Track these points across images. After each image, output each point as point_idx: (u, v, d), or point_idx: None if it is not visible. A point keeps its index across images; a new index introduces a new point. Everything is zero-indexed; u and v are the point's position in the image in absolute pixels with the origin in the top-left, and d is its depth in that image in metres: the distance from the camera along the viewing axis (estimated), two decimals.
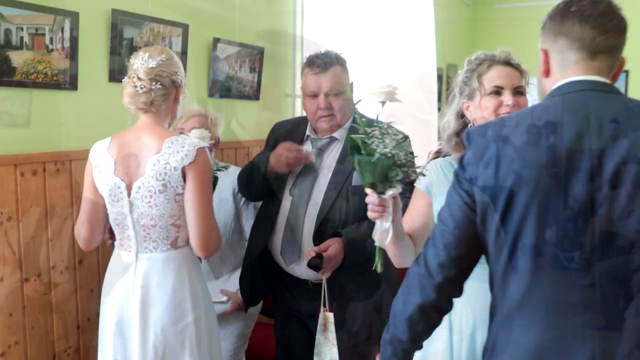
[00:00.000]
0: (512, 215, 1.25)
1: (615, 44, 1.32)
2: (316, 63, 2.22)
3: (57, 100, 2.39)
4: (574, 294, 1.21)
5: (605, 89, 1.29)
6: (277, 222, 2.30)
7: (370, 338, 2.39)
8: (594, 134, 1.21)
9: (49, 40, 2.30)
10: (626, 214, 1.18)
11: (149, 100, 1.94)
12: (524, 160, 1.25)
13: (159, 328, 1.95)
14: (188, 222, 1.95)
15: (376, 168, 1.58)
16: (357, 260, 2.16)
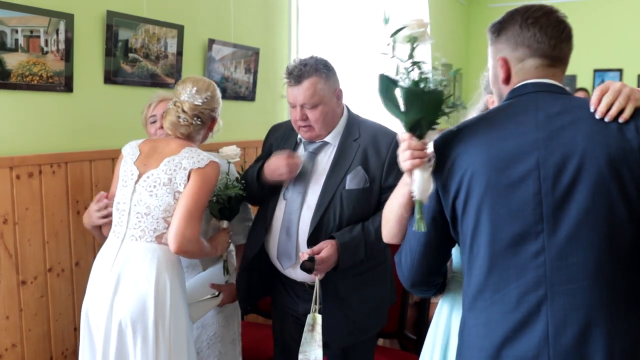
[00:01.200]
0: (470, 208, 1.38)
1: (568, 50, 1.46)
2: (292, 74, 2.19)
3: (53, 102, 2.39)
4: (528, 274, 1.31)
5: (556, 90, 1.41)
6: (273, 226, 2.30)
7: (366, 339, 2.40)
8: (542, 128, 1.34)
9: (44, 42, 2.30)
10: (570, 199, 1.28)
11: (187, 132, 2.15)
12: (479, 156, 1.37)
13: (122, 317, 1.99)
14: (173, 216, 2.02)
15: (427, 100, 1.40)
16: (351, 262, 2.16)
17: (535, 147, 1.32)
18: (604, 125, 1.31)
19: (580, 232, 1.28)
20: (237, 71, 3.36)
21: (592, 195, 1.27)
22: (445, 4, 6.51)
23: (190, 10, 3.03)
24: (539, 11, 1.42)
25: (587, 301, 1.28)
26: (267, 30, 3.63)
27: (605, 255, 1.28)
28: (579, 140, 1.30)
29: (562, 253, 1.29)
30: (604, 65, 6.75)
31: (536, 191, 1.31)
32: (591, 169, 1.28)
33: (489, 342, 1.37)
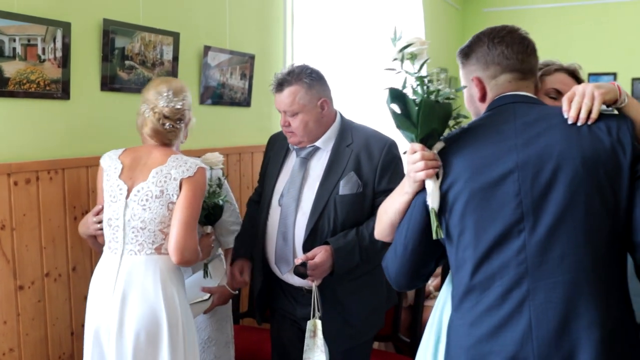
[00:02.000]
0: (455, 214, 1.45)
1: (535, 63, 1.57)
2: (276, 82, 2.25)
3: (50, 109, 2.42)
4: (510, 271, 1.38)
5: (530, 100, 1.52)
6: (269, 232, 2.34)
7: (365, 342, 2.43)
8: (520, 134, 1.42)
9: (41, 50, 2.33)
10: (548, 197, 1.36)
11: (174, 138, 2.16)
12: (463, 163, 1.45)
13: (135, 331, 2.00)
14: (171, 227, 2.04)
15: (440, 112, 1.48)
16: (346, 267, 2.20)
17: (514, 151, 1.40)
18: (577, 129, 1.39)
19: (559, 228, 1.35)
20: (232, 77, 3.39)
21: (570, 193, 1.34)
22: (440, 8, 6.55)
23: (186, 18, 3.07)
24: (502, 31, 1.54)
25: (567, 294, 1.34)
26: (263, 36, 3.66)
27: (583, 250, 1.34)
28: (555, 144, 1.38)
29: (542, 249, 1.35)
30: (598, 69, 6.79)
31: (516, 192, 1.38)
32: (567, 169, 1.35)
33: (473, 339, 1.42)
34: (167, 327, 2.02)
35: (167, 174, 2.06)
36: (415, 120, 1.47)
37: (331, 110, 2.32)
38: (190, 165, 2.08)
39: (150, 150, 2.14)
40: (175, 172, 2.06)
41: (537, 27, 6.89)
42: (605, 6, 6.68)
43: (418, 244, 1.54)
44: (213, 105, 3.30)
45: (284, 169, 2.39)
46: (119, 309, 2.01)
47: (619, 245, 1.37)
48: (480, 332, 1.41)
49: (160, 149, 2.14)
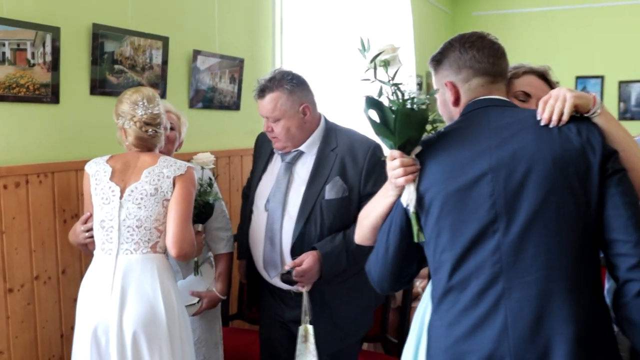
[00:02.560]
0: (431, 217, 1.48)
1: (506, 66, 1.61)
2: (258, 88, 2.28)
3: (39, 113, 2.44)
4: (486, 271, 1.40)
5: (503, 103, 1.56)
6: (257, 237, 2.36)
7: (353, 344, 2.46)
8: (493, 136, 1.46)
9: (31, 55, 2.34)
10: (521, 198, 1.39)
11: (158, 143, 2.22)
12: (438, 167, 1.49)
13: (135, 330, 2.03)
14: (167, 222, 2.10)
15: (415, 119, 1.51)
16: (334, 271, 2.22)
17: (487, 154, 1.44)
18: (548, 131, 1.43)
19: (532, 228, 1.38)
20: (221, 81, 3.42)
21: (541, 193, 1.37)
22: (429, 12, 6.59)
23: (175, 22, 3.09)
24: (473, 36, 1.59)
25: (541, 291, 1.36)
26: (252, 40, 3.69)
27: (556, 248, 1.37)
28: (527, 146, 1.41)
29: (515, 249, 1.38)
30: (585, 72, 6.85)
31: (489, 193, 1.41)
32: (539, 170, 1.38)
33: (451, 339, 1.44)
34: (166, 324, 2.06)
35: (160, 173, 2.12)
36: (392, 128, 1.50)
37: (314, 115, 2.34)
38: (180, 165, 2.16)
39: (138, 155, 2.19)
40: (168, 171, 2.13)
41: (525, 30, 6.97)
42: (593, 10, 6.75)
43: (400, 247, 1.57)
44: (202, 109, 3.33)
45: (267, 172, 2.42)
46: (118, 309, 2.03)
47: (590, 244, 1.40)
48: (458, 332, 1.43)
49: (148, 153, 2.20)
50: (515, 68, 1.83)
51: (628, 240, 1.35)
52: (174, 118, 2.51)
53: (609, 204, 1.38)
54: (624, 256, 1.35)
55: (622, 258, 1.36)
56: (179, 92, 3.16)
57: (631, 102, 6.70)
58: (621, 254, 1.36)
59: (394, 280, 1.63)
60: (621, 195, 1.38)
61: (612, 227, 1.37)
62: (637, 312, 1.33)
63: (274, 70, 2.32)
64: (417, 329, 1.86)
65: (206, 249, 2.60)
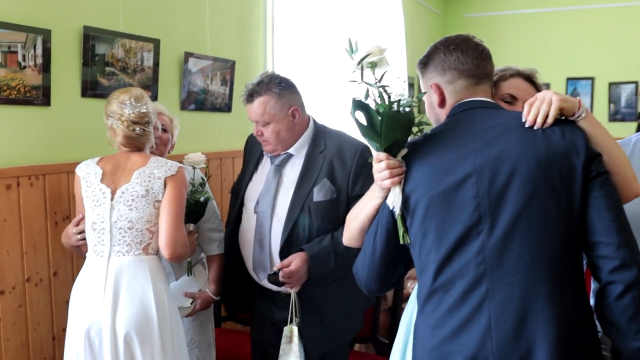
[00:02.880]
0: (416, 218, 1.50)
1: (491, 68, 1.62)
2: (246, 93, 2.29)
3: (31, 115, 2.44)
4: (470, 273, 1.41)
5: (488, 105, 1.57)
6: (246, 239, 2.37)
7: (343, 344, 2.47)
8: (478, 138, 1.47)
9: (22, 57, 2.35)
10: (505, 199, 1.40)
11: (146, 141, 2.22)
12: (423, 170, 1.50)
13: (127, 331, 2.04)
14: (160, 224, 2.11)
15: (402, 121, 1.52)
16: (322, 273, 2.23)
17: (471, 155, 1.45)
18: (532, 133, 1.44)
19: (515, 229, 1.39)
20: (213, 83, 3.43)
21: (525, 195, 1.39)
22: (421, 14, 6.62)
23: (167, 24, 3.10)
24: (457, 39, 1.60)
25: (524, 293, 1.38)
26: (243, 42, 3.70)
27: (539, 250, 1.38)
28: (511, 147, 1.43)
29: (499, 250, 1.39)
30: (576, 74, 6.90)
31: (474, 195, 1.42)
32: (523, 171, 1.39)
33: (435, 340, 1.45)
34: (158, 326, 2.07)
35: (151, 174, 2.12)
36: (378, 130, 1.51)
37: (303, 118, 2.35)
38: (171, 165, 2.16)
39: (129, 156, 2.19)
40: (158, 172, 2.13)
41: (516, 32, 7.01)
42: (583, 12, 6.79)
43: (386, 248, 1.58)
44: (194, 111, 3.34)
45: (257, 174, 2.43)
46: (110, 310, 2.04)
47: (573, 245, 1.41)
48: (442, 334, 1.44)
49: (138, 153, 2.20)
50: (502, 70, 1.84)
51: (610, 243, 1.36)
52: (166, 120, 2.52)
53: (592, 206, 1.39)
54: (606, 258, 1.37)
55: (604, 260, 1.37)
56: (170, 94, 3.17)
57: (621, 104, 6.74)
58: (603, 256, 1.37)
59: (382, 281, 1.64)
60: (604, 197, 1.39)
61: (594, 229, 1.39)
62: (619, 314, 1.35)
63: (261, 74, 2.32)
64: (404, 329, 1.88)
65: (199, 251, 2.61)
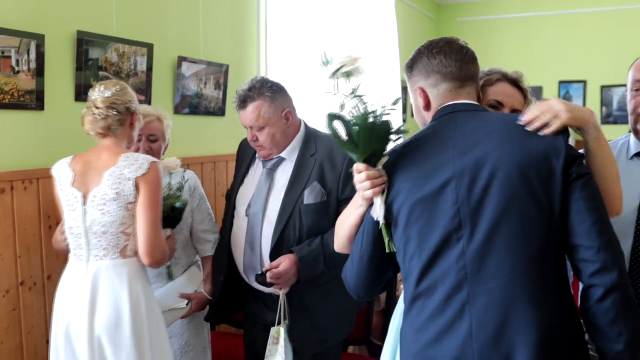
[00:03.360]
0: (399, 225, 1.50)
1: (475, 71, 1.61)
2: (239, 99, 2.30)
3: (24, 120, 2.45)
4: (451, 278, 1.42)
5: (471, 108, 1.56)
6: (238, 241, 2.39)
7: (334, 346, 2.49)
8: (459, 144, 1.47)
9: (15, 62, 2.36)
10: (484, 204, 1.40)
11: (107, 126, 2.12)
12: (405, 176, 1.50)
13: (100, 336, 2.03)
14: (137, 231, 2.08)
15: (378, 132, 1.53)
16: (311, 274, 2.25)
17: (452, 161, 1.45)
18: (513, 135, 1.44)
19: (496, 234, 1.39)
20: (207, 87, 3.45)
21: (504, 200, 1.38)
22: (413, 18, 6.66)
23: (160, 29, 3.11)
24: (441, 42, 1.60)
25: (504, 298, 1.37)
26: (237, 46, 3.72)
27: (519, 254, 1.38)
28: (490, 151, 1.42)
29: (479, 255, 1.39)
30: (568, 77, 6.94)
31: (454, 200, 1.43)
32: (502, 176, 1.39)
33: (419, 345, 1.46)
34: (131, 331, 2.05)
35: (121, 175, 2.06)
36: (356, 142, 1.52)
37: (296, 120, 2.37)
38: (142, 163, 2.09)
39: (100, 153, 2.14)
40: (129, 172, 2.07)
41: (509, 36, 7.05)
42: (576, 16, 6.84)
43: (373, 255, 1.58)
44: (188, 115, 3.35)
45: (248, 178, 2.45)
46: (88, 314, 2.04)
47: (555, 248, 1.41)
48: (425, 338, 1.45)
49: (110, 149, 2.13)
50: (488, 75, 1.83)
51: (591, 247, 1.36)
52: (155, 127, 2.49)
53: (573, 209, 1.39)
54: (587, 262, 1.37)
55: (585, 264, 1.37)
56: (164, 99, 3.18)
57: (613, 107, 6.78)
58: (585, 260, 1.37)
59: (370, 286, 1.65)
60: (585, 200, 1.38)
61: (576, 232, 1.38)
62: (600, 317, 1.36)
63: (251, 80, 2.33)
64: (394, 332, 1.89)
65: (194, 252, 2.62)
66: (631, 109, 1.92)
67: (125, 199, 2.06)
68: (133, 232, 2.09)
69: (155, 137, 2.48)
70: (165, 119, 2.56)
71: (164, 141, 2.54)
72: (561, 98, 1.67)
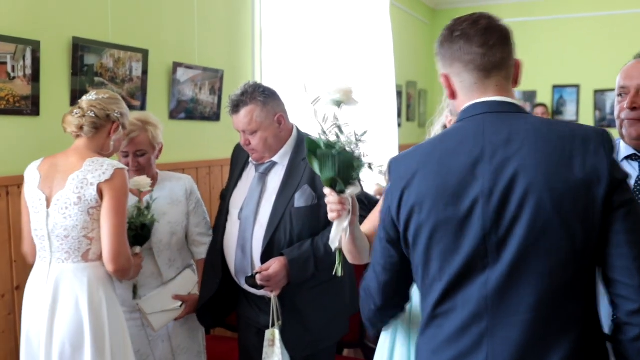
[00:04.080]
0: (420, 241, 1.38)
1: (503, 55, 1.38)
2: (231, 103, 2.33)
3: (20, 125, 2.47)
4: (472, 306, 1.32)
5: (502, 109, 1.37)
6: (229, 244, 2.41)
7: (327, 348, 2.50)
8: (487, 156, 1.31)
9: (11, 68, 2.38)
10: (512, 234, 1.27)
11: (79, 125, 2.12)
12: (427, 190, 1.36)
13: (61, 341, 2.02)
14: (102, 237, 2.06)
15: (337, 162, 1.58)
16: (302, 277, 2.27)
17: (479, 177, 1.31)
18: (549, 153, 1.28)
19: (521, 266, 1.27)
20: (202, 92, 3.47)
21: (534, 230, 1.26)
22: (408, 23, 6.69)
23: (155, 35, 3.14)
24: (465, 22, 1.39)
25: (526, 334, 1.28)
26: (231, 52, 3.75)
27: (545, 289, 1.27)
28: (522, 171, 1.27)
29: (502, 287, 1.29)
30: (562, 82, 6.99)
31: (481, 226, 1.30)
32: (534, 202, 1.26)
33: None
34: (91, 337, 2.03)
35: (84, 180, 2.04)
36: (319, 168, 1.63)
37: (288, 124, 2.41)
38: (106, 168, 2.06)
39: (68, 156, 2.12)
40: (92, 177, 2.04)
41: None
42: (569, 21, 6.89)
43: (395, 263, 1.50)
44: (183, 120, 3.37)
45: (241, 182, 2.48)
46: (47, 317, 2.03)
47: (586, 280, 1.30)
48: None
49: (79, 152, 2.12)
50: None
51: (630, 284, 1.26)
52: (141, 140, 2.47)
53: (613, 241, 1.27)
54: (624, 299, 1.27)
55: (623, 300, 1.28)
56: (159, 104, 3.20)
57: (606, 110, 6.83)
58: (622, 296, 1.28)
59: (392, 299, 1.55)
60: (626, 232, 1.26)
61: (614, 266, 1.27)
62: (633, 355, 1.29)
63: (243, 85, 2.36)
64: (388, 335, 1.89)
65: (189, 256, 2.64)
66: (617, 113, 1.94)
67: (86, 204, 2.04)
68: (96, 236, 2.08)
69: (143, 151, 2.48)
70: (152, 125, 2.53)
71: (152, 150, 2.52)
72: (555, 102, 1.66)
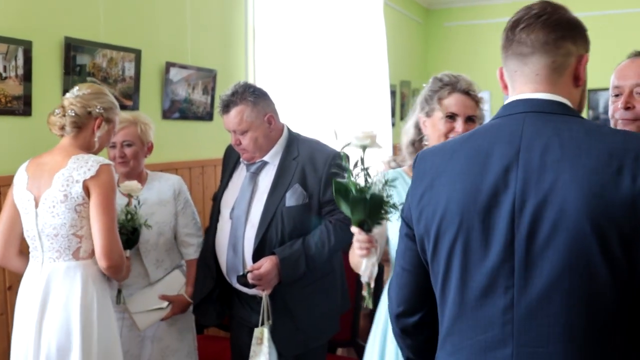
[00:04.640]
0: (442, 248, 1.26)
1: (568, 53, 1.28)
2: (222, 103, 2.35)
3: (12, 125, 2.47)
4: (495, 329, 1.20)
5: (547, 109, 1.24)
6: (221, 244, 2.43)
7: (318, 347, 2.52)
8: (521, 167, 1.18)
9: (3, 68, 2.38)
10: (544, 255, 1.14)
11: (60, 125, 2.12)
12: (452, 193, 1.25)
13: (49, 340, 2.02)
14: (93, 234, 2.06)
15: (368, 205, 1.66)
16: (293, 275, 2.29)
17: (511, 186, 1.18)
18: (594, 167, 1.13)
19: (553, 293, 1.14)
20: (195, 92, 3.47)
21: (569, 254, 1.12)
22: (402, 22, 6.70)
23: (148, 35, 3.14)
24: (528, 12, 1.28)
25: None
26: (224, 52, 3.75)
27: (579, 320, 1.14)
28: (561, 186, 1.13)
29: (532, 313, 1.16)
30: None
31: (509, 242, 1.18)
32: (571, 224, 1.12)
33: None
34: (80, 338, 2.02)
35: (69, 177, 2.03)
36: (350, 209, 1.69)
37: (278, 125, 2.42)
38: (91, 165, 2.05)
39: (54, 154, 2.12)
40: (77, 174, 2.03)
41: (496, 40, 6.94)
42: None
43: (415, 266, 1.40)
44: (176, 120, 3.37)
45: (232, 181, 2.49)
46: (37, 318, 2.03)
47: (629, 315, 1.15)
48: None
49: (64, 150, 2.11)
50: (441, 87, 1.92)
51: None
52: (129, 132, 2.47)
53: None
54: None
55: None
56: (151, 104, 3.20)
57: (600, 110, 6.85)
58: None
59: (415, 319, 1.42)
60: None
61: None
62: None
63: (234, 85, 2.38)
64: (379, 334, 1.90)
65: (178, 256, 2.64)
66: (611, 113, 1.96)
67: (73, 201, 2.04)
68: (85, 234, 2.07)
69: (129, 142, 2.48)
70: (143, 122, 2.53)
71: (141, 145, 2.51)
72: None
